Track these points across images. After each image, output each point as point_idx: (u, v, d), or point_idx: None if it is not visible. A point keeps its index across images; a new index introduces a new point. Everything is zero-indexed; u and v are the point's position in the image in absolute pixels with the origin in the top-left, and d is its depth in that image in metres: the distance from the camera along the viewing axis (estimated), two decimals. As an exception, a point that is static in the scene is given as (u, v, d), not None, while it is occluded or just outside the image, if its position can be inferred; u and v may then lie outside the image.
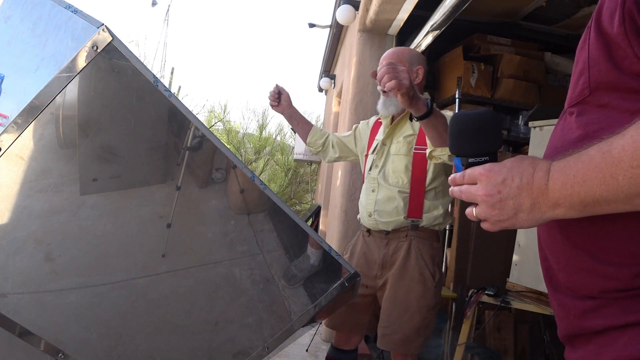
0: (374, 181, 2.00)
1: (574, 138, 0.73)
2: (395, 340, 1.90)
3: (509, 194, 0.70)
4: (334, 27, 5.12)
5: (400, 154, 1.96)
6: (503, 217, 0.71)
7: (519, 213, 0.70)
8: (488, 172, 0.72)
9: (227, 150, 0.98)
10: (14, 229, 0.93)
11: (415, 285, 1.90)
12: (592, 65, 0.71)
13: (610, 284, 0.68)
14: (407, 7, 3.06)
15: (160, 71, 11.42)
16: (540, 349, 3.00)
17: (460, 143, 0.81)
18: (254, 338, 1.11)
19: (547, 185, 0.67)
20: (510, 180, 0.70)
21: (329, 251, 1.07)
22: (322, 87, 7.39)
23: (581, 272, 0.72)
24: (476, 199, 0.73)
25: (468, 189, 0.75)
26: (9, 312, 0.96)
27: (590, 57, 0.71)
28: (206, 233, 1.05)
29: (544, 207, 0.68)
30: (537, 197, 0.68)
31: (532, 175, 0.68)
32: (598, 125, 0.69)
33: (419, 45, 3.03)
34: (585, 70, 0.72)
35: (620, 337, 0.67)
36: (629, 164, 0.58)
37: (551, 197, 0.67)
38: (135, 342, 1.09)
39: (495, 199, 0.71)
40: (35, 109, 0.84)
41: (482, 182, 0.72)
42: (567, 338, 0.79)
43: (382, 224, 1.97)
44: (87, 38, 0.83)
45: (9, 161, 0.87)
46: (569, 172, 0.65)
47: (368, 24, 3.55)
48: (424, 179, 1.95)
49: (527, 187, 0.68)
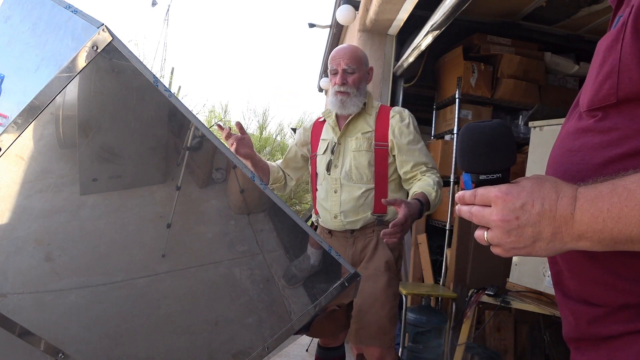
0: (336, 182, 1.97)
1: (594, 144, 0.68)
2: (371, 332, 1.89)
3: (528, 221, 0.63)
4: (334, 27, 5.12)
5: (361, 150, 1.95)
6: (519, 245, 0.65)
7: (538, 242, 0.64)
8: (505, 195, 0.64)
9: (227, 150, 0.98)
10: (14, 229, 0.93)
11: (381, 274, 1.90)
12: (623, 70, 0.64)
13: (625, 298, 0.65)
14: (407, 7, 3.06)
15: (160, 71, 11.42)
16: (540, 349, 3.00)
17: (471, 158, 0.72)
18: (254, 338, 1.11)
19: (573, 215, 0.60)
20: (530, 205, 0.63)
21: (329, 251, 1.07)
22: (322, 87, 7.39)
23: (595, 283, 0.68)
24: (489, 223, 0.66)
25: (480, 212, 0.67)
26: (9, 312, 0.96)
27: (622, 61, 0.64)
28: (206, 233, 1.05)
29: (567, 237, 0.62)
30: (560, 226, 0.62)
31: (555, 202, 0.62)
32: (623, 132, 0.64)
33: (419, 45, 3.03)
34: (613, 74, 0.65)
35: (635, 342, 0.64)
36: None
37: (577, 229, 0.60)
38: (135, 342, 1.09)
39: (512, 226, 0.64)
40: (35, 109, 0.84)
41: (498, 206, 0.65)
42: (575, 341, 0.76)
43: (349, 224, 1.95)
44: (87, 38, 0.83)
45: (9, 161, 0.87)
46: (602, 205, 0.58)
47: (368, 24, 3.55)
48: (386, 174, 1.95)
49: (550, 214, 0.62)
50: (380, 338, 1.89)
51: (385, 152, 1.93)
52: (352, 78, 1.94)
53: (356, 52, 1.98)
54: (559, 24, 3.65)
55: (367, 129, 1.97)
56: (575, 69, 3.72)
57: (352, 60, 1.94)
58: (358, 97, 1.95)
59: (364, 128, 1.98)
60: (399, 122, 1.94)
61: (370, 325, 1.88)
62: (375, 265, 1.91)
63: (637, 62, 0.62)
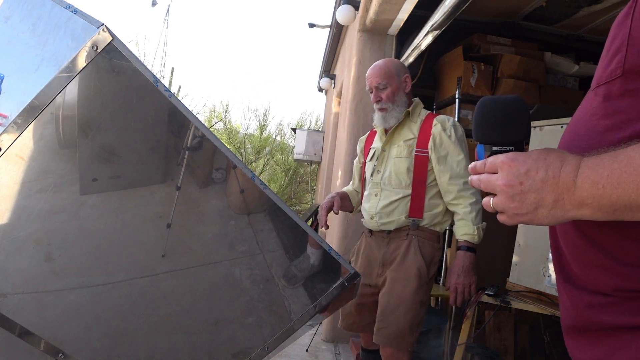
0: (377, 186, 2.09)
1: (600, 128, 0.68)
2: (389, 334, 1.93)
3: (531, 187, 0.64)
4: (334, 27, 5.12)
5: (401, 157, 2.04)
6: (522, 210, 0.66)
7: (540, 208, 0.64)
8: (511, 161, 0.66)
9: (227, 150, 0.98)
10: (14, 229, 0.92)
11: (411, 280, 1.94)
12: (632, 44, 0.64)
13: (626, 284, 0.65)
14: (407, 7, 3.06)
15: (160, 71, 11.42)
16: (540, 349, 2.99)
17: (486, 130, 0.74)
18: (254, 338, 1.11)
19: (575, 181, 0.61)
20: (534, 172, 0.64)
21: (329, 251, 1.07)
22: (322, 87, 7.39)
23: (596, 268, 0.69)
24: (495, 188, 0.68)
25: (488, 178, 0.69)
26: (9, 312, 0.96)
27: (632, 35, 0.64)
28: (206, 233, 1.05)
29: (569, 205, 0.62)
30: (562, 193, 0.62)
31: (559, 169, 0.63)
32: (627, 115, 0.64)
33: (419, 45, 3.03)
34: (622, 48, 0.65)
35: (633, 340, 0.64)
36: None
37: (578, 195, 0.61)
38: (135, 342, 1.09)
39: (516, 190, 0.65)
40: (35, 109, 0.84)
41: (504, 171, 0.66)
42: (571, 329, 0.77)
43: (383, 225, 2.03)
44: (87, 38, 0.83)
45: (9, 161, 0.87)
46: (603, 171, 0.59)
47: (368, 24, 3.55)
48: (425, 180, 2.02)
49: (553, 181, 0.63)
50: (397, 341, 1.94)
51: (426, 159, 2.01)
52: (386, 93, 2.05)
53: (386, 67, 2.08)
54: (559, 24, 3.65)
55: (409, 136, 2.06)
56: (575, 69, 3.72)
57: (382, 76, 2.05)
58: (396, 108, 2.06)
59: (407, 135, 2.07)
60: (440, 131, 2.01)
61: (390, 327, 1.94)
62: (406, 270, 1.97)
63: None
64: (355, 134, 3.64)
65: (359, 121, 3.65)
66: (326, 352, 3.49)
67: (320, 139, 7.56)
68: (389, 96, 2.05)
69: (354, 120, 3.67)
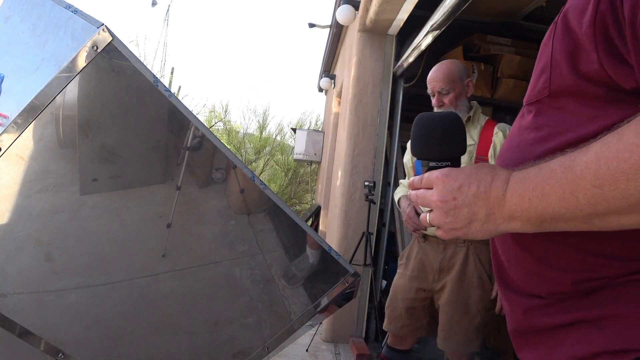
0: None
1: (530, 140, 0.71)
2: (458, 340, 2.01)
3: (464, 202, 0.66)
4: (334, 27, 5.12)
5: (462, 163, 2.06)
6: (457, 225, 0.68)
7: (473, 222, 0.66)
8: (445, 177, 0.68)
9: (227, 150, 0.98)
10: (14, 229, 0.92)
11: (474, 289, 2.00)
12: (555, 65, 0.67)
13: (555, 287, 0.68)
14: (407, 7, 3.06)
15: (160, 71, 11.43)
16: (540, 349, 2.99)
17: (424, 145, 0.76)
18: (254, 338, 1.11)
19: (505, 196, 0.63)
20: (466, 187, 0.66)
21: (329, 251, 1.07)
22: (322, 87, 7.39)
23: (529, 272, 0.72)
24: (431, 204, 0.70)
25: (424, 194, 0.71)
26: (9, 312, 0.96)
27: (554, 56, 0.68)
28: (206, 233, 1.05)
29: (500, 218, 0.64)
30: (493, 207, 0.64)
31: (490, 184, 0.65)
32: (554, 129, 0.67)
33: (419, 45, 3.03)
34: (547, 69, 0.69)
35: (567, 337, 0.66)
36: (591, 182, 0.54)
37: (507, 208, 0.63)
38: (135, 342, 1.09)
39: (450, 206, 0.67)
40: (35, 109, 0.84)
41: (438, 187, 0.69)
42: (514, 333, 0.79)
43: None
44: (87, 38, 0.83)
45: (9, 161, 0.87)
46: (528, 184, 0.61)
47: (368, 24, 3.55)
48: None
49: (484, 196, 0.65)
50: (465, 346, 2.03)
51: None
52: (448, 98, 2.04)
53: (449, 71, 2.05)
54: (559, 24, 3.64)
55: (470, 142, 2.05)
56: (575, 69, 3.71)
57: (445, 81, 2.03)
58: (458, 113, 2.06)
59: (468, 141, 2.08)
60: (501, 139, 2.01)
61: (458, 334, 2.02)
62: (468, 280, 2.02)
63: (566, 58, 0.65)
64: (355, 134, 3.64)
65: (359, 121, 3.65)
66: (326, 352, 3.49)
67: (320, 139, 7.57)
68: (451, 101, 2.03)
69: (354, 120, 3.67)
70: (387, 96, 3.70)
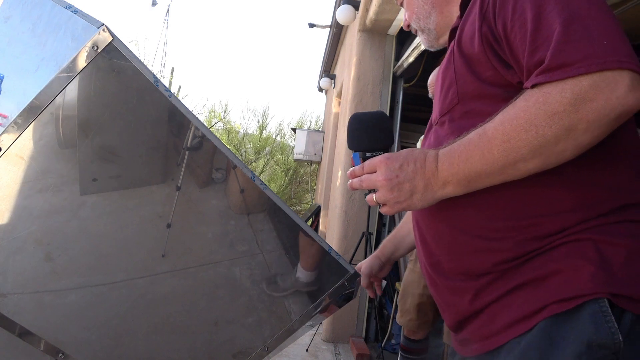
0: None
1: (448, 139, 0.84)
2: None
3: (405, 177, 0.79)
4: (334, 27, 5.12)
5: None
6: (401, 198, 0.80)
7: (414, 194, 0.79)
8: (387, 160, 0.80)
9: (227, 150, 0.98)
10: (14, 229, 0.92)
11: None
12: (459, 78, 0.84)
13: (498, 256, 0.79)
14: (407, 7, 3.05)
15: (160, 71, 11.43)
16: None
17: (360, 139, 0.90)
18: (254, 338, 1.11)
19: (437, 167, 0.77)
20: (406, 165, 0.79)
21: (329, 251, 1.07)
22: (322, 87, 7.39)
23: (473, 253, 0.82)
24: (376, 184, 0.81)
25: (369, 177, 0.82)
26: (9, 312, 0.96)
27: (457, 72, 0.84)
28: (206, 233, 1.05)
29: (436, 186, 0.78)
30: (430, 178, 0.78)
31: (424, 160, 0.78)
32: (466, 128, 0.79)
33: (419, 45, 3.03)
34: (453, 84, 0.85)
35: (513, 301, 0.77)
36: (501, 139, 0.70)
37: (441, 176, 0.77)
38: (135, 342, 1.09)
39: (394, 183, 0.79)
40: (35, 109, 0.84)
41: (382, 169, 0.80)
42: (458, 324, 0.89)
43: None
44: (87, 38, 0.83)
45: (9, 161, 0.87)
46: (454, 153, 0.76)
47: (368, 24, 3.55)
48: None
49: (421, 170, 0.78)
50: None
51: None
52: None
53: None
54: (559, 24, 3.64)
55: None
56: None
57: None
58: None
59: None
60: None
61: None
62: None
63: (468, 70, 0.82)
64: (355, 134, 3.63)
65: (359, 121, 3.64)
66: (326, 352, 3.49)
67: (320, 139, 7.57)
68: None
69: (354, 120, 3.67)
70: (387, 96, 3.70)
